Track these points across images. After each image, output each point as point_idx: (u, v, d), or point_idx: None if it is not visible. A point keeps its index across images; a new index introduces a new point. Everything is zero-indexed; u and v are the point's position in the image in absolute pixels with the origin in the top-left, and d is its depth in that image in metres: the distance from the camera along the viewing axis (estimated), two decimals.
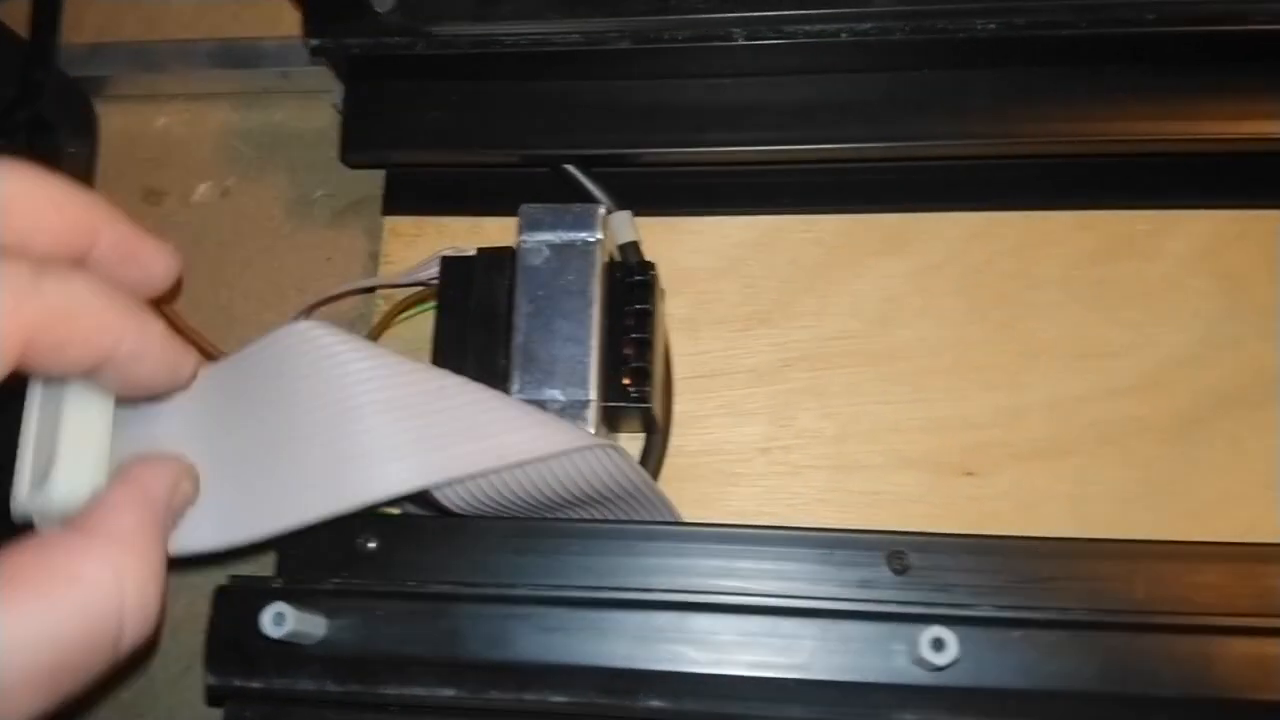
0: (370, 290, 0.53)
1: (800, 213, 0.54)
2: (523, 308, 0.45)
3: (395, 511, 0.47)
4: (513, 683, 0.38)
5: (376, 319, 0.53)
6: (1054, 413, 0.50)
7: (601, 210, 0.45)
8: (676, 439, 0.51)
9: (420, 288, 0.50)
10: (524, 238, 0.45)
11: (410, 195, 0.55)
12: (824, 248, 0.53)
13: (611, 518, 0.45)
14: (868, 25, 0.45)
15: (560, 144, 0.51)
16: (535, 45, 0.47)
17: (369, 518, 0.45)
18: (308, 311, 0.53)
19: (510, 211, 0.54)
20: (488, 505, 0.41)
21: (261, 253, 0.59)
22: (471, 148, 0.51)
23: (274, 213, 0.60)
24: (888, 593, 0.41)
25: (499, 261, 0.46)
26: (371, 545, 0.43)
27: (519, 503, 0.42)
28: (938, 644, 0.35)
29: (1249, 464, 0.49)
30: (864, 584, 0.41)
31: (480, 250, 0.47)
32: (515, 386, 0.44)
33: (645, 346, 0.45)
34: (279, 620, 0.35)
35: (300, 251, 0.59)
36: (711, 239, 0.54)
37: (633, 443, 0.49)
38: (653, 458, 0.49)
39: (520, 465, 0.40)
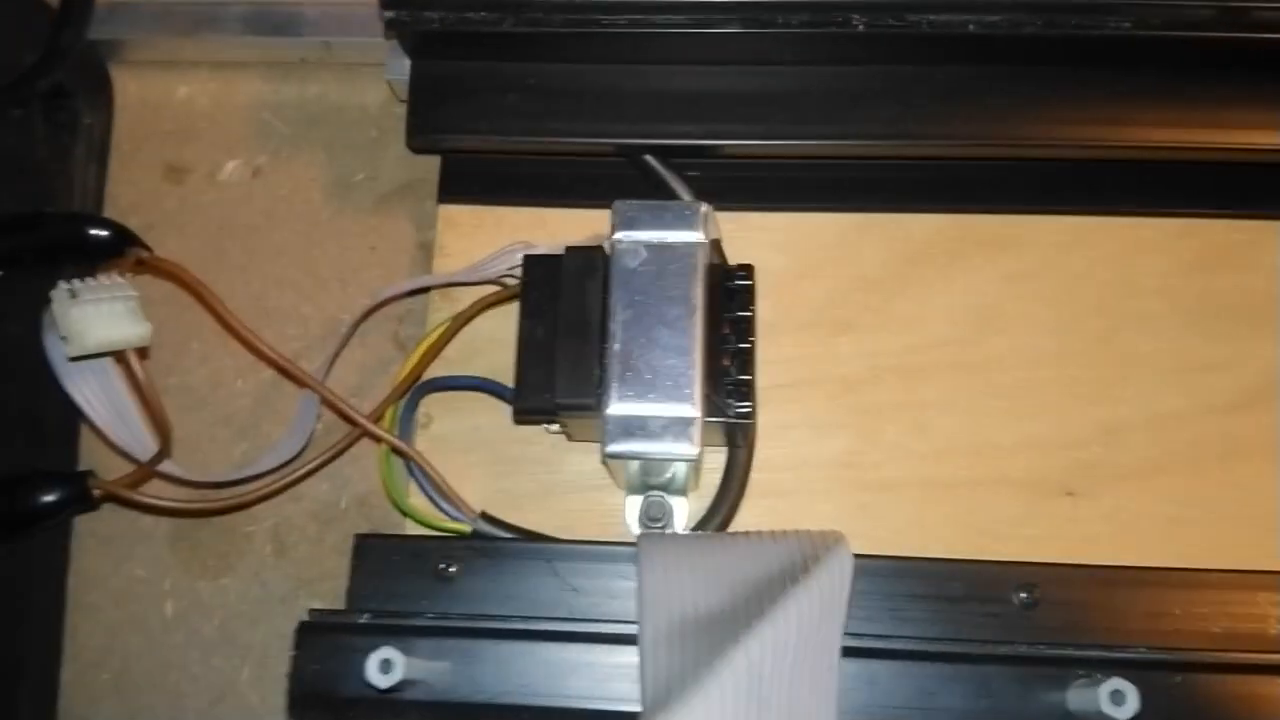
0: (444, 287, 0.48)
1: (887, 211, 0.51)
2: (619, 314, 0.41)
3: (466, 529, 0.44)
4: None
5: (436, 316, 0.49)
6: (1153, 430, 0.48)
7: (704, 209, 0.42)
8: (766, 448, 0.47)
9: (498, 287, 0.46)
10: (619, 236, 0.42)
11: (468, 182, 0.51)
12: (913, 249, 0.50)
13: None
14: (996, 18, 0.42)
15: (642, 133, 0.47)
16: (634, 26, 0.43)
17: (449, 540, 0.41)
18: (376, 308, 0.48)
19: (575, 203, 0.51)
20: None
21: (298, 239, 0.54)
22: (548, 134, 0.47)
23: (311, 196, 0.55)
24: (1021, 632, 0.38)
25: (590, 262, 0.42)
26: (452, 570, 0.40)
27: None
28: (1117, 697, 0.32)
29: None
30: (993, 620, 0.38)
31: (569, 249, 0.43)
32: (612, 398, 0.40)
33: (747, 357, 0.42)
34: (386, 668, 0.32)
35: (341, 239, 0.54)
36: (791, 236, 0.51)
37: (713, 456, 0.46)
38: (737, 475, 0.46)
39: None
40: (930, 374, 0.49)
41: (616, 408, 0.40)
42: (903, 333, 0.49)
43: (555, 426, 0.48)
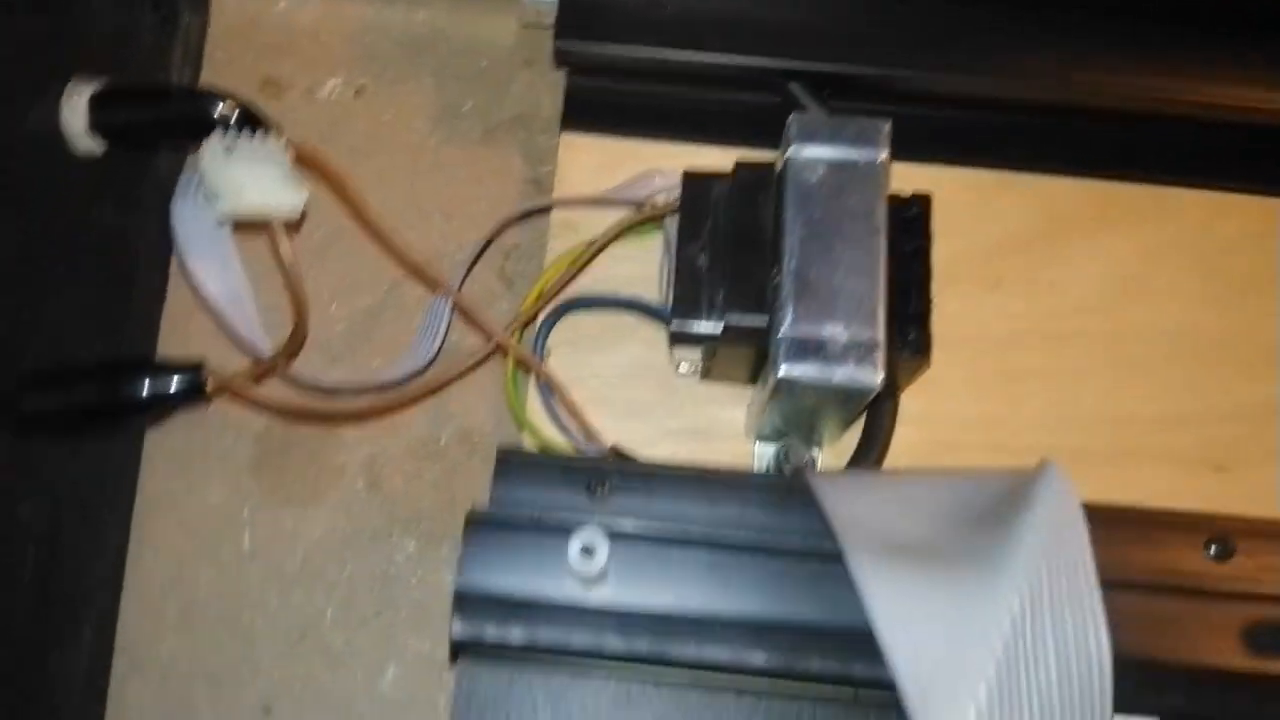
0: (585, 204, 0.45)
1: (1028, 172, 0.49)
2: (795, 230, 0.38)
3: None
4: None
5: (556, 246, 0.46)
6: None
7: (887, 126, 0.39)
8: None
9: (634, 210, 0.43)
10: (796, 150, 0.39)
11: (593, 111, 0.48)
12: (1055, 212, 0.49)
13: None
14: None
15: (786, 54, 0.45)
16: None
17: (596, 460, 0.38)
18: (500, 230, 0.45)
19: (703, 139, 0.48)
20: None
21: (401, 167, 0.51)
22: (703, 49, 0.44)
23: (416, 123, 0.52)
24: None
25: (761, 178, 0.40)
26: (604, 488, 0.36)
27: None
28: None
29: None
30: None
31: (739, 163, 0.40)
32: (788, 319, 0.37)
33: (923, 289, 0.40)
34: (588, 555, 0.28)
35: (446, 169, 0.51)
36: (926, 186, 0.48)
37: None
38: (883, 427, 0.43)
39: None
40: (1074, 341, 0.47)
41: (792, 328, 0.37)
42: (1046, 297, 0.47)
43: (687, 366, 0.45)
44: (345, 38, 0.53)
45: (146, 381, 0.36)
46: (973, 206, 0.48)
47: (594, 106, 0.48)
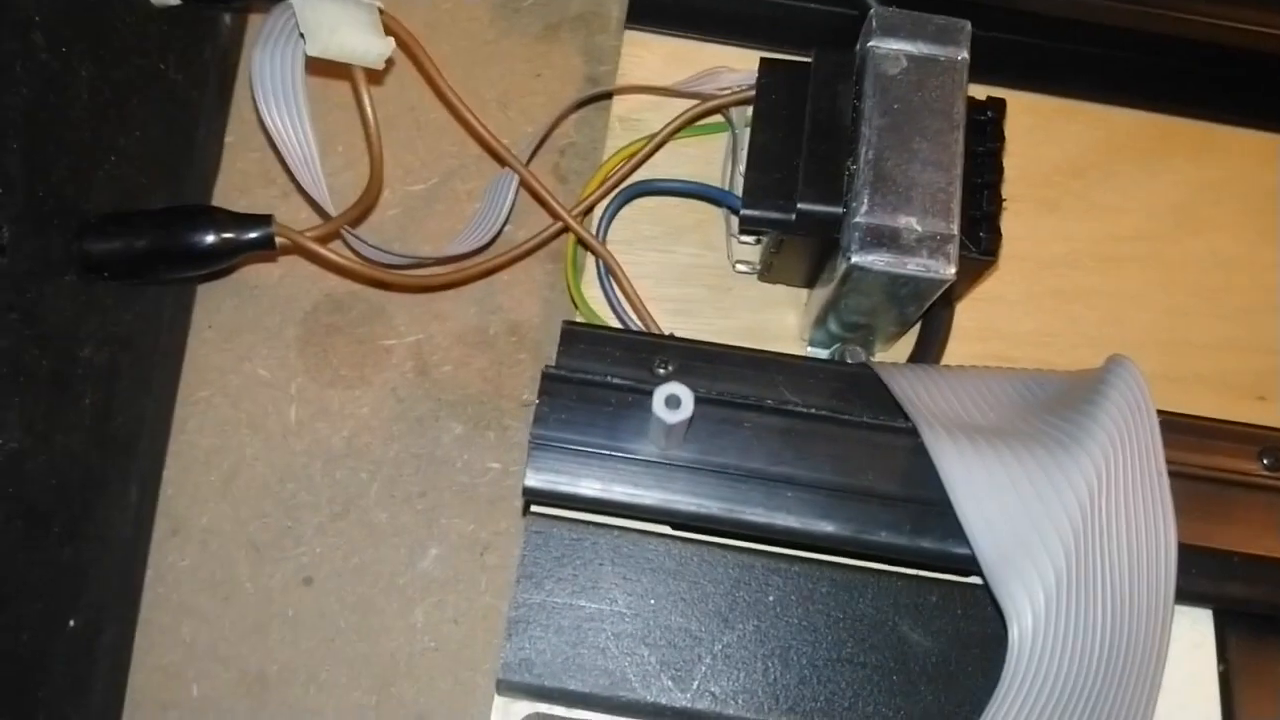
0: (643, 91, 0.45)
1: (1088, 100, 0.49)
2: (874, 120, 0.38)
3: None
4: None
5: (615, 143, 0.45)
6: None
7: (968, 26, 0.39)
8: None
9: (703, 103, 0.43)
10: (877, 43, 0.39)
11: (661, 7, 0.48)
12: (1113, 140, 0.49)
13: None
14: None
15: None
16: None
17: (661, 339, 0.38)
18: (562, 117, 0.45)
19: (767, 45, 0.48)
20: None
21: (460, 55, 0.51)
22: None
23: (476, 13, 0.51)
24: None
25: (842, 66, 0.40)
26: (670, 368, 0.36)
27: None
28: None
29: None
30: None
31: (820, 50, 0.40)
32: (863, 207, 0.37)
33: (995, 190, 0.40)
34: (675, 404, 0.28)
35: (505, 62, 0.51)
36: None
37: None
38: (940, 331, 0.43)
39: None
40: (1127, 265, 0.47)
41: (868, 216, 0.37)
42: (1102, 220, 0.48)
43: (745, 265, 0.45)
44: None
45: (214, 230, 0.36)
46: (1033, 130, 0.48)
47: (659, 5, 0.48)
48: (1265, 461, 0.37)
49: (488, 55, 0.51)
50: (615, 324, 0.42)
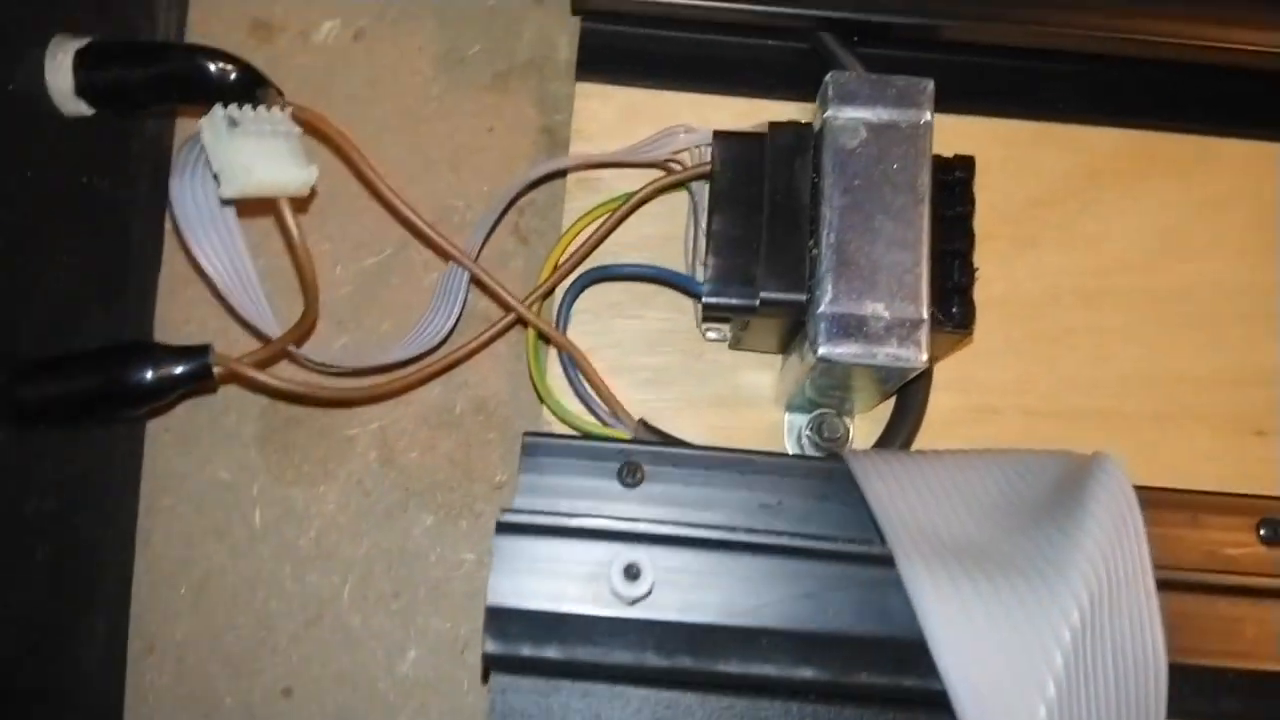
0: (607, 167, 0.43)
1: (1066, 122, 0.47)
2: (834, 199, 0.36)
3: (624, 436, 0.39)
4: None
5: (574, 206, 0.43)
6: None
7: (930, 85, 0.37)
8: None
9: (664, 172, 0.41)
10: (834, 112, 0.37)
11: (611, 58, 0.46)
12: (1093, 164, 0.46)
13: None
14: None
15: (826, 5, 0.42)
16: None
17: (627, 442, 0.36)
18: (533, 185, 0.43)
19: (728, 90, 0.46)
20: None
21: (405, 115, 0.48)
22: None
23: (420, 67, 0.49)
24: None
25: (799, 140, 0.37)
26: (637, 476, 0.35)
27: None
28: None
29: None
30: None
31: (773, 124, 0.38)
32: (827, 296, 0.35)
33: (966, 259, 0.38)
34: (634, 572, 0.27)
35: (453, 118, 0.48)
36: (965, 143, 0.46)
37: None
38: (918, 397, 0.42)
39: None
40: (1113, 299, 0.45)
41: (832, 305, 0.35)
42: (1085, 253, 0.45)
43: (715, 333, 0.43)
44: None
45: (150, 368, 0.34)
46: (1007, 161, 0.46)
47: (611, 54, 0.45)
48: (1263, 533, 0.36)
49: (434, 112, 0.48)
50: (584, 412, 0.40)
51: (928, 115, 0.37)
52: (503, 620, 0.30)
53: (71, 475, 0.37)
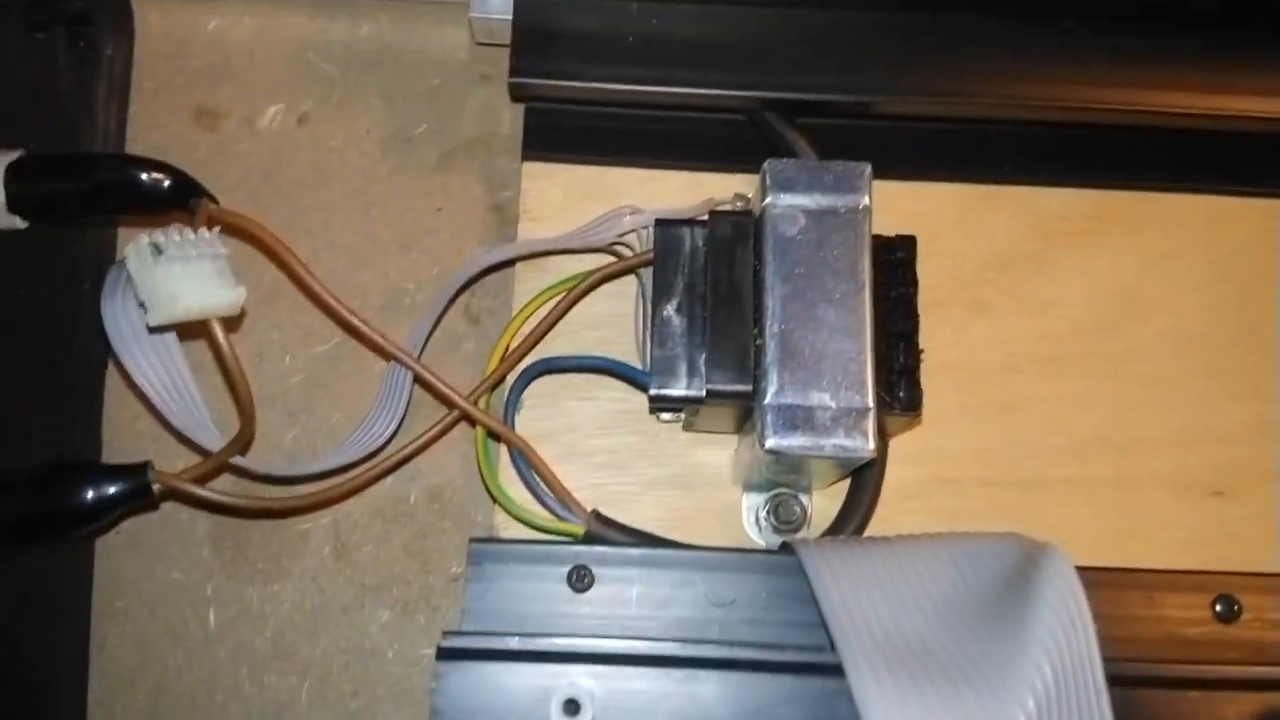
0: (553, 254, 0.42)
1: (1016, 184, 0.46)
2: (776, 289, 0.36)
3: (577, 529, 0.38)
4: None
5: (524, 289, 0.43)
6: None
7: (868, 170, 0.37)
8: (903, 443, 0.43)
9: (614, 258, 0.40)
10: (773, 200, 0.36)
11: (556, 136, 0.45)
12: (1045, 226, 0.46)
13: None
14: None
15: (757, 83, 0.42)
16: None
17: (576, 545, 0.36)
18: (477, 277, 0.42)
19: (676, 164, 0.46)
20: None
21: (352, 198, 0.48)
22: (668, 83, 0.41)
23: (366, 149, 0.49)
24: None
25: (740, 229, 0.37)
26: (586, 580, 0.34)
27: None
28: None
29: None
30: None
31: (714, 213, 0.38)
32: (772, 388, 0.35)
33: (911, 340, 0.37)
34: (574, 709, 0.26)
35: (401, 199, 0.48)
36: (916, 208, 0.46)
37: None
38: (873, 473, 0.41)
39: None
40: (1070, 363, 0.45)
41: (778, 396, 0.35)
42: (1038, 318, 0.45)
43: (674, 414, 0.42)
44: (285, 58, 0.50)
45: (89, 488, 0.34)
46: (958, 225, 0.46)
47: (556, 134, 0.45)
48: (1218, 609, 0.36)
49: (383, 194, 0.48)
50: (536, 506, 0.40)
51: (866, 199, 0.37)
52: None
53: (20, 584, 0.36)
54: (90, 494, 0.34)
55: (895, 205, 0.45)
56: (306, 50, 0.50)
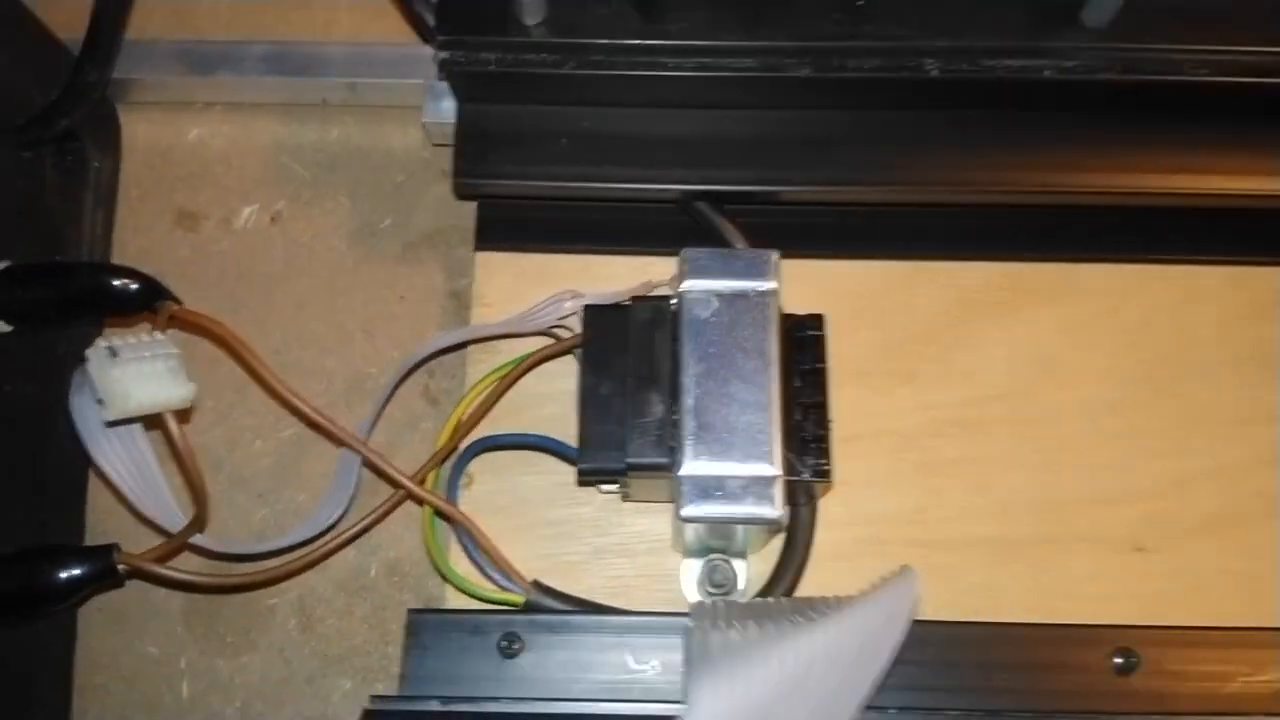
0: (493, 339, 0.46)
1: (937, 259, 0.49)
2: (691, 367, 0.39)
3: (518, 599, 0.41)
4: None
5: (476, 370, 0.46)
6: (1220, 482, 0.47)
7: (775, 256, 0.40)
8: (829, 502, 0.45)
9: (553, 340, 0.44)
10: (688, 285, 0.40)
11: (506, 228, 0.49)
12: (966, 298, 0.49)
13: None
14: (1071, 63, 0.41)
15: (696, 179, 0.46)
16: (702, 69, 0.41)
17: (510, 614, 0.39)
18: (421, 363, 0.46)
19: (619, 250, 0.49)
20: None
21: (320, 289, 0.52)
22: (601, 180, 0.45)
23: (334, 243, 0.52)
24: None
25: (659, 312, 0.40)
26: (515, 647, 0.37)
27: None
28: None
29: None
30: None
31: (635, 299, 0.41)
32: (687, 457, 0.38)
33: (821, 412, 0.40)
34: None
35: (367, 289, 0.52)
36: (841, 284, 0.49)
37: None
38: (802, 536, 0.44)
39: None
40: (991, 428, 0.47)
41: (692, 467, 0.38)
42: (961, 385, 0.48)
43: (612, 486, 0.45)
44: (259, 162, 0.54)
45: (59, 570, 0.37)
46: (885, 298, 0.49)
47: (506, 226, 0.49)
48: (1117, 661, 0.38)
49: (349, 284, 0.52)
50: (481, 579, 0.42)
51: (773, 283, 0.40)
52: None
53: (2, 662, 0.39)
54: (60, 575, 0.37)
55: (825, 281, 0.48)
56: (280, 154, 0.54)
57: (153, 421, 0.38)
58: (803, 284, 0.47)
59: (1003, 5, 0.43)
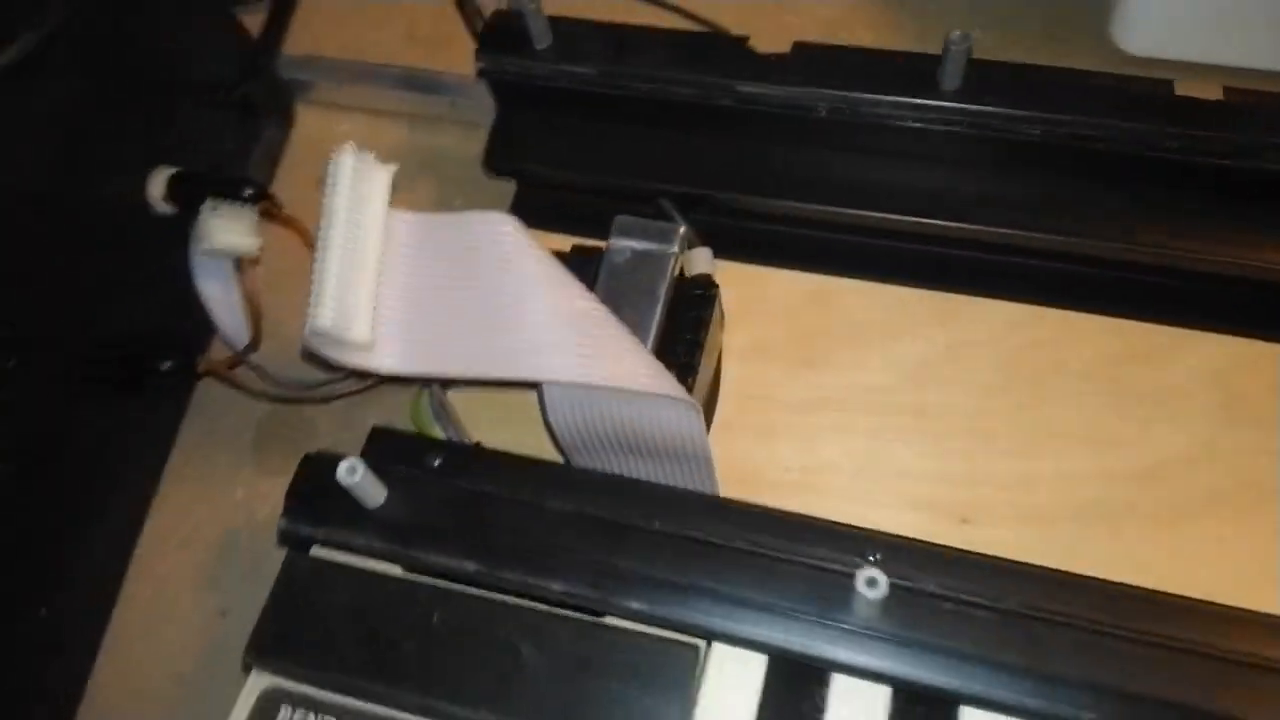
0: None
1: (859, 278, 0.61)
2: (600, 297, 0.53)
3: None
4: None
5: None
6: (1057, 484, 0.55)
7: (682, 230, 0.54)
8: (717, 444, 0.57)
9: None
10: (613, 241, 0.54)
11: (532, 211, 0.65)
12: (875, 311, 0.61)
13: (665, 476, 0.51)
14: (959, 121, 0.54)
15: (659, 180, 0.60)
16: (655, 94, 0.56)
17: (437, 443, 0.53)
18: None
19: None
20: (580, 426, 0.49)
21: None
22: (587, 171, 0.60)
23: (423, 208, 0.70)
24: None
25: (592, 258, 0.55)
26: (437, 462, 0.51)
27: (604, 434, 0.49)
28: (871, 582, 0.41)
29: (1231, 563, 0.53)
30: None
31: (575, 247, 0.56)
32: None
33: (695, 348, 0.53)
34: (352, 471, 0.44)
35: None
36: (777, 287, 0.62)
37: None
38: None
39: (629, 396, 0.48)
40: (867, 410, 0.58)
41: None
42: (849, 375, 0.59)
43: None
44: (384, 155, 0.72)
45: (147, 357, 0.55)
46: (810, 303, 0.61)
47: (531, 207, 0.64)
48: (872, 557, 0.47)
49: None
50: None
51: (675, 248, 0.54)
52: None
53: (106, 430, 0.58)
54: (151, 361, 0.55)
55: (771, 285, 0.61)
56: (400, 149, 0.73)
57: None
58: (749, 283, 0.60)
59: None
